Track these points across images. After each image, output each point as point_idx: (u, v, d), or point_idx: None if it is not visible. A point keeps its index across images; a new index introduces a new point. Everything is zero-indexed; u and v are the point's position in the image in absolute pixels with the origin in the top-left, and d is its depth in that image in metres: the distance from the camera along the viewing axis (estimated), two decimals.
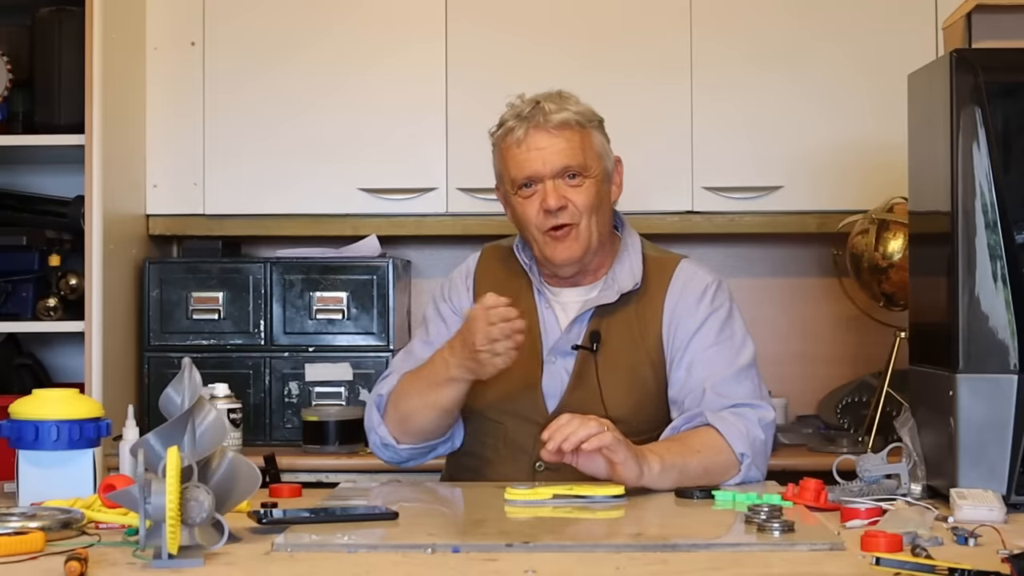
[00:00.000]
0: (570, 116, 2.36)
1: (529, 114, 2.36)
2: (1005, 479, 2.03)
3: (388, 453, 2.42)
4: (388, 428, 2.38)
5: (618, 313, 2.40)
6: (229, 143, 3.49)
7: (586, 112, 2.40)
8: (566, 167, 2.35)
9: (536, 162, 2.35)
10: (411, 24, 3.48)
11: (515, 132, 2.36)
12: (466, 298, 2.48)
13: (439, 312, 2.50)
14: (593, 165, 2.38)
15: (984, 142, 2.04)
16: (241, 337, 3.38)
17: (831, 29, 3.44)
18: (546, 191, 2.35)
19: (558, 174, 2.35)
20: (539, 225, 2.37)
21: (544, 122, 2.35)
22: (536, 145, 2.35)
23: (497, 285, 2.45)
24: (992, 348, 2.04)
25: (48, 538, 1.74)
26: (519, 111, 2.38)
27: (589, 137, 2.39)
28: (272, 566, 1.65)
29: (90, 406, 2.10)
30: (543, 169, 2.35)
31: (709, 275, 2.44)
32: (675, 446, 2.22)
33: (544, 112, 2.35)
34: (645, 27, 3.46)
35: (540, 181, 2.36)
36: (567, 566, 1.63)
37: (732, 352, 2.37)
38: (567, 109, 2.37)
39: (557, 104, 2.37)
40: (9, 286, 3.31)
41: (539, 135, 2.35)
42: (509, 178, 2.39)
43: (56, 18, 3.32)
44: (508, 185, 2.41)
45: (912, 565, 1.55)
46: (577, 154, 2.36)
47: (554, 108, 2.36)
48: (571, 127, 2.36)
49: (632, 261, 2.44)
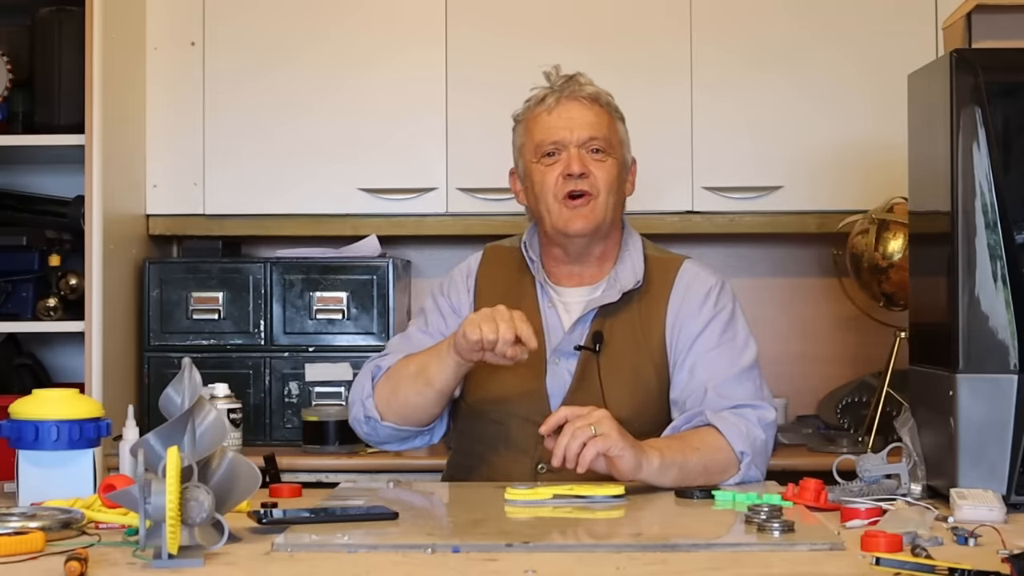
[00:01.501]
0: (602, 93, 2.43)
1: (562, 86, 2.42)
2: (1005, 479, 2.03)
3: (367, 428, 2.42)
4: (375, 400, 2.39)
5: (621, 314, 2.40)
6: (229, 143, 3.49)
7: (613, 103, 2.46)
8: (592, 137, 2.39)
9: (564, 129, 2.39)
10: (411, 25, 3.48)
11: (547, 100, 2.42)
12: (465, 298, 2.48)
13: (438, 306, 2.50)
14: (616, 148, 2.43)
15: (984, 142, 2.04)
16: (241, 337, 3.38)
17: (831, 30, 3.44)
18: (570, 157, 2.38)
19: (584, 143, 2.39)
20: (557, 192, 2.39)
21: (578, 90, 2.41)
22: (567, 113, 2.40)
23: (500, 286, 2.45)
24: (992, 348, 2.04)
25: (48, 538, 1.74)
26: (552, 84, 2.43)
27: (615, 123, 2.44)
28: (272, 566, 1.65)
29: (90, 406, 2.10)
30: (570, 136, 2.39)
31: (712, 276, 2.45)
32: (675, 443, 2.23)
33: (578, 83, 2.42)
34: (645, 28, 3.46)
35: (564, 149, 2.39)
36: (567, 566, 1.63)
37: (734, 353, 2.37)
38: (598, 89, 2.44)
39: (588, 82, 2.44)
40: (9, 286, 3.31)
41: (570, 104, 2.41)
42: (533, 145, 2.42)
43: (56, 18, 3.32)
44: (531, 154, 2.43)
45: (912, 565, 1.55)
46: (604, 129, 2.41)
47: (586, 81, 2.43)
48: (600, 104, 2.42)
49: (634, 260, 2.45)
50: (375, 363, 2.44)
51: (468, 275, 2.52)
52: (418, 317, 2.55)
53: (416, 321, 2.54)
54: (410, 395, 2.36)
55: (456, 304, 2.49)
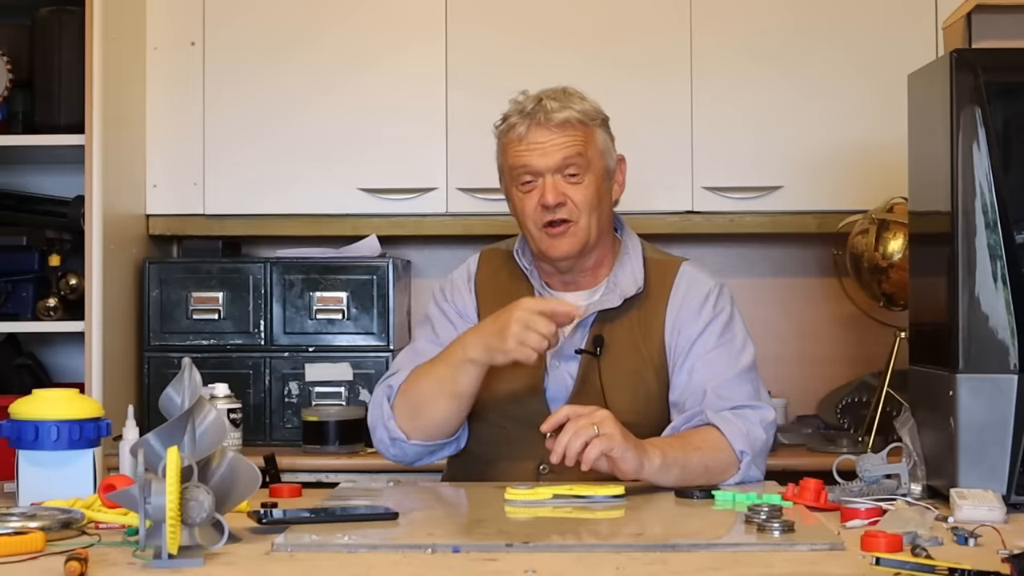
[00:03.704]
0: (572, 114, 2.36)
1: (531, 111, 2.36)
2: (1005, 479, 2.03)
3: (395, 450, 2.38)
4: (397, 421, 2.35)
5: (621, 317, 2.40)
6: (229, 143, 3.49)
7: (590, 110, 2.40)
8: (565, 160, 2.34)
9: (535, 157, 2.35)
10: (411, 24, 3.48)
11: (516, 128, 2.37)
12: (469, 301, 2.47)
13: (444, 312, 2.48)
14: (595, 162, 2.38)
15: (984, 142, 2.04)
16: (241, 337, 3.38)
17: (831, 29, 3.44)
18: (545, 187, 2.35)
19: (557, 169, 2.35)
20: (536, 220, 2.37)
21: (545, 120, 2.35)
22: (536, 141, 2.35)
23: (499, 289, 2.45)
24: (992, 348, 2.04)
25: (48, 538, 1.74)
26: (522, 107, 2.38)
27: (592, 135, 2.38)
28: (272, 566, 1.65)
29: (90, 406, 2.10)
30: (541, 164, 2.35)
31: (711, 280, 2.45)
32: (676, 442, 2.23)
33: (546, 110, 2.35)
34: (645, 27, 3.46)
35: (539, 176, 2.36)
36: (567, 566, 1.63)
37: (733, 354, 2.37)
38: (570, 107, 2.37)
39: (560, 102, 2.37)
40: (9, 286, 3.31)
41: (539, 131, 2.35)
42: (509, 172, 2.40)
43: (56, 18, 3.32)
44: (509, 178, 2.41)
45: (912, 565, 1.55)
46: (578, 150, 2.35)
47: (556, 106, 2.36)
48: (573, 125, 2.36)
49: (633, 264, 2.44)
50: (387, 383, 2.40)
51: (468, 278, 2.50)
52: (423, 327, 2.52)
53: (422, 332, 2.50)
54: (435, 411, 2.33)
55: (462, 308, 2.47)
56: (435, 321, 2.48)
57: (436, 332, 2.46)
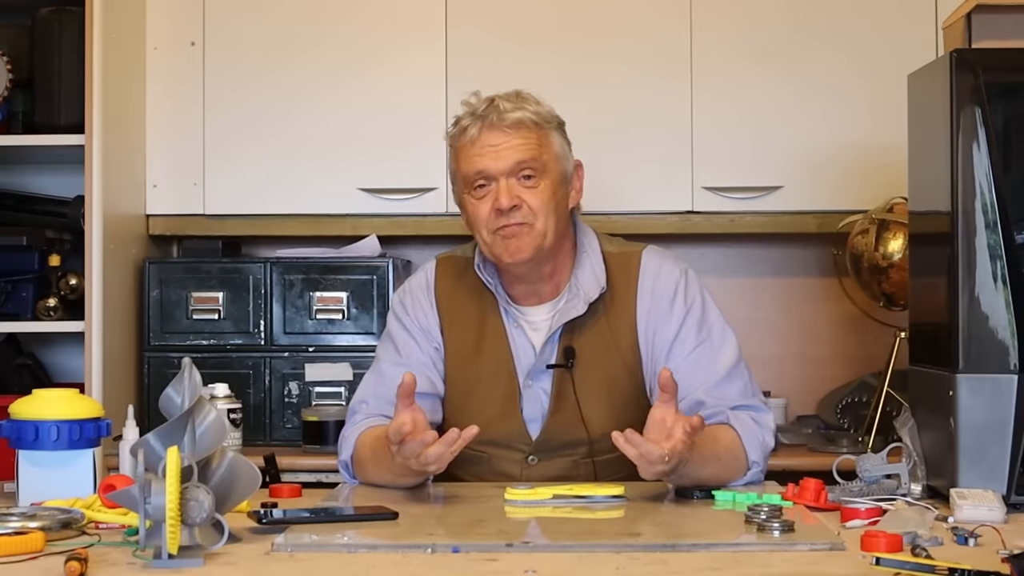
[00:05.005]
0: (526, 115, 2.30)
1: (483, 112, 2.30)
2: (1005, 479, 2.03)
3: (349, 479, 2.33)
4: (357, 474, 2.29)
5: (588, 323, 2.34)
6: (229, 143, 3.49)
7: (544, 113, 2.34)
8: (519, 163, 2.28)
9: (488, 159, 2.29)
10: (411, 25, 3.48)
11: (468, 131, 2.30)
12: (431, 315, 2.40)
13: (406, 328, 2.41)
14: (550, 166, 2.32)
15: (984, 142, 2.04)
16: (241, 337, 3.38)
17: (831, 29, 3.44)
18: (499, 190, 2.28)
19: (511, 172, 2.29)
20: (490, 226, 2.30)
21: (498, 120, 2.29)
22: (489, 143, 2.29)
23: (462, 304, 2.40)
24: (992, 348, 2.04)
25: (48, 538, 1.74)
26: (474, 109, 2.32)
27: (547, 137, 2.32)
28: (272, 566, 1.65)
29: (90, 406, 2.10)
30: (495, 166, 2.28)
31: (676, 267, 2.38)
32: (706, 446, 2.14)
33: (499, 111, 2.29)
34: (645, 27, 3.46)
35: (493, 179, 2.29)
36: (567, 566, 1.63)
37: (714, 353, 2.32)
38: (524, 108, 2.31)
39: (513, 103, 2.31)
40: (9, 286, 3.31)
41: (492, 133, 2.29)
42: (462, 177, 2.33)
43: (56, 18, 3.32)
44: (461, 184, 2.34)
45: (912, 565, 1.55)
46: (532, 152, 2.29)
47: (509, 107, 2.30)
48: (527, 126, 2.30)
49: (593, 263, 2.38)
50: (353, 418, 2.34)
51: (428, 289, 2.43)
52: (385, 345, 2.43)
53: (385, 351, 2.42)
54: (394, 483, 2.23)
55: (424, 324, 2.40)
56: (397, 339, 2.42)
57: (399, 351, 2.40)
